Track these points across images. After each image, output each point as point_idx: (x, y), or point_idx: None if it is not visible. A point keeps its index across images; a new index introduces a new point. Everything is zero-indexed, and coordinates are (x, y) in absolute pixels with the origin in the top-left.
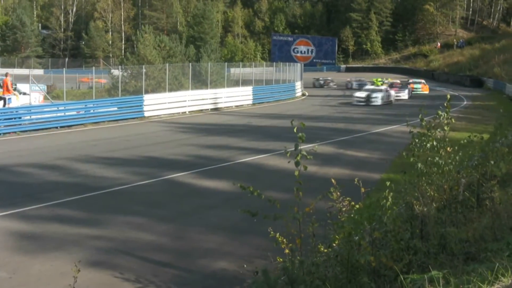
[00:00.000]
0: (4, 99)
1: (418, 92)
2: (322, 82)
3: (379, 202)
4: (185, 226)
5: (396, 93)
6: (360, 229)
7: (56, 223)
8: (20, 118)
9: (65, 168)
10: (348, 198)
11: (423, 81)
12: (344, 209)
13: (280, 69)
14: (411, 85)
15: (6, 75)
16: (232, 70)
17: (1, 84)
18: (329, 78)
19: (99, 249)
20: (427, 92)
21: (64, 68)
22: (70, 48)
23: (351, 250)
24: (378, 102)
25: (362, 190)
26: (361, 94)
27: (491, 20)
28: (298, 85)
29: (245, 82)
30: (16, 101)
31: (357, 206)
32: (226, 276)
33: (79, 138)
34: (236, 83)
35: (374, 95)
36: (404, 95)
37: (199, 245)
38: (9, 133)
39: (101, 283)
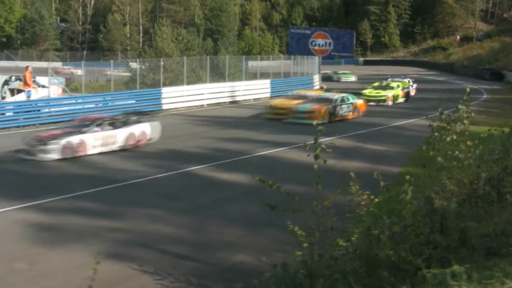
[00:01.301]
0: (29, 91)
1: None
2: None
3: (398, 196)
4: (204, 218)
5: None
6: (379, 223)
7: (75, 215)
8: (39, 110)
9: (84, 161)
10: (367, 192)
11: (350, 100)
12: (363, 202)
13: (298, 62)
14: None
15: (26, 68)
16: (250, 63)
17: (21, 77)
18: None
19: (117, 241)
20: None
21: (82, 61)
22: (88, 41)
23: (370, 244)
24: None
25: (381, 183)
26: None
27: (511, 12)
28: (316, 78)
29: (263, 75)
30: (35, 94)
31: (376, 200)
32: (245, 269)
33: None
34: (253, 76)
35: None
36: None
37: (218, 237)
38: (28, 125)
39: (119, 275)
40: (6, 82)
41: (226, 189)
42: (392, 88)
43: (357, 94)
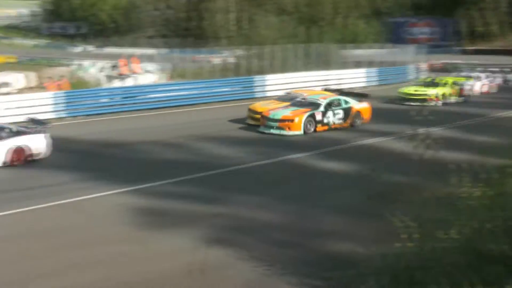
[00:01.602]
0: (126, 78)
1: None
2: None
3: (503, 189)
4: (304, 206)
5: None
6: (482, 217)
7: (178, 200)
8: (139, 96)
9: (185, 146)
10: (469, 184)
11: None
12: (465, 195)
13: (394, 51)
14: None
15: (127, 56)
16: (346, 51)
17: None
18: None
19: (219, 227)
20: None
21: (180, 48)
22: (186, 28)
23: (474, 237)
24: None
25: (484, 175)
26: None
27: None
28: (412, 68)
29: (359, 64)
30: (133, 80)
31: (480, 192)
32: (343, 258)
33: (195, 117)
34: (349, 65)
35: None
36: None
37: (317, 226)
38: (126, 111)
39: (220, 260)
40: (103, 68)
41: (326, 177)
42: (437, 85)
43: (363, 96)
